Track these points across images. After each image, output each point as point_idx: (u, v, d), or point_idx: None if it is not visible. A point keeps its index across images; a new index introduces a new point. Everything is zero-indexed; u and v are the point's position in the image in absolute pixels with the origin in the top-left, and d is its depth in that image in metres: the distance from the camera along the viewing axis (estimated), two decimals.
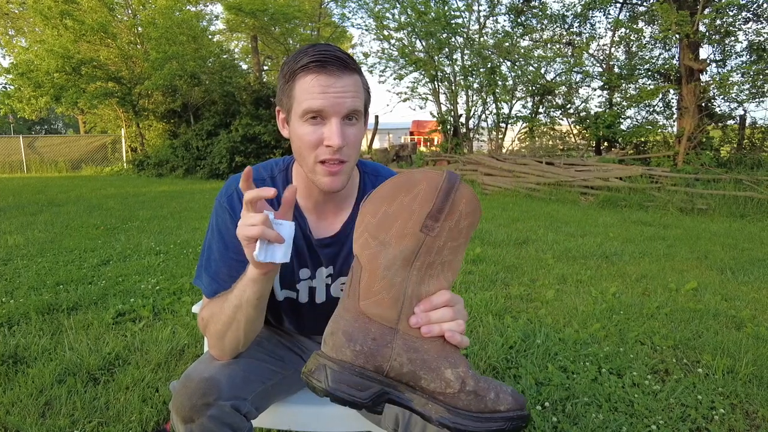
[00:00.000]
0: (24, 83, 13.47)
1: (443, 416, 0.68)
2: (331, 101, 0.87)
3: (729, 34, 9.99)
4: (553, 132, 13.11)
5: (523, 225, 5.65)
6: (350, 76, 0.89)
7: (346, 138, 0.89)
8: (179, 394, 0.92)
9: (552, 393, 1.92)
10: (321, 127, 0.89)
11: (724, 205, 6.65)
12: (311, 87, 0.87)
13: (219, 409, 0.90)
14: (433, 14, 11.12)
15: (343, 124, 0.89)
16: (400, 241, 0.69)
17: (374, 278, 0.69)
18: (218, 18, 21.72)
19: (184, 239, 4.65)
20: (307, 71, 0.87)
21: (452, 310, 0.71)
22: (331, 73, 0.87)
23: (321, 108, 0.87)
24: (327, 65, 0.87)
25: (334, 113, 0.87)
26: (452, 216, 0.69)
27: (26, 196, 8.24)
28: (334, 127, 0.87)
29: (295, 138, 0.93)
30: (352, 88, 0.89)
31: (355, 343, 0.68)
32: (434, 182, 0.69)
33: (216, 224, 1.02)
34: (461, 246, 0.72)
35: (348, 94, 0.88)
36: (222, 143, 11.84)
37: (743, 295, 3.18)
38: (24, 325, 2.52)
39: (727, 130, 10.70)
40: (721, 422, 1.76)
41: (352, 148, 0.91)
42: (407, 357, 0.68)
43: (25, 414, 1.71)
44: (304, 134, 0.90)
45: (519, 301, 3.04)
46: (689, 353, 2.32)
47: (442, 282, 0.72)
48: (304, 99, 0.88)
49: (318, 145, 0.90)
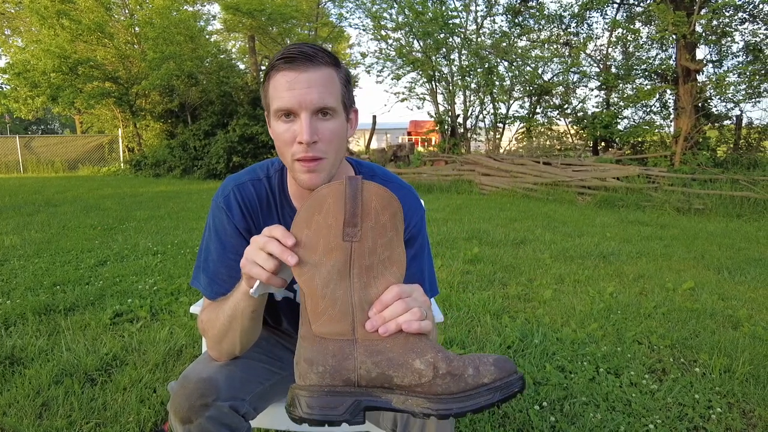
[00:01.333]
0: (20, 83, 13.41)
1: (425, 407, 0.68)
2: (297, 96, 0.85)
3: (725, 35, 10.02)
4: (551, 132, 13.13)
5: (520, 225, 5.65)
6: (317, 70, 0.87)
7: (318, 133, 0.87)
8: (177, 394, 0.92)
9: (550, 392, 1.93)
10: (294, 124, 0.88)
11: (720, 205, 6.67)
12: (279, 84, 0.87)
13: (217, 410, 0.90)
14: (431, 14, 11.13)
15: (315, 119, 0.87)
16: (329, 257, 0.71)
17: (316, 299, 0.72)
18: (215, 18, 21.69)
19: (182, 239, 4.64)
20: (276, 70, 0.87)
21: (404, 302, 0.72)
22: (296, 69, 0.86)
23: (288, 105, 0.86)
24: (293, 61, 0.86)
25: (302, 108, 0.86)
26: (368, 216, 0.71)
27: (23, 196, 8.21)
28: (303, 122, 0.86)
29: (274, 136, 0.93)
30: (319, 82, 0.86)
31: (317, 366, 0.70)
32: (338, 192, 0.71)
33: (213, 225, 1.02)
34: (393, 239, 0.73)
35: (315, 89, 0.86)
36: (219, 143, 11.81)
37: (740, 294, 3.20)
38: (21, 326, 2.51)
39: (723, 130, 10.73)
40: (718, 421, 1.76)
41: (327, 144, 0.89)
42: (372, 362, 0.69)
43: (21, 415, 1.71)
44: (279, 132, 0.89)
45: (517, 301, 3.04)
46: (686, 353, 2.32)
47: (388, 279, 0.73)
48: (274, 97, 0.88)
49: (292, 142, 0.88)
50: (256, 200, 1.02)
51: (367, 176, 1.08)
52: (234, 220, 0.99)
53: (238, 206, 1.00)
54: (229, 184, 1.03)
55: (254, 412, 1.01)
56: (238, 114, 12.26)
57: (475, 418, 1.75)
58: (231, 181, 1.04)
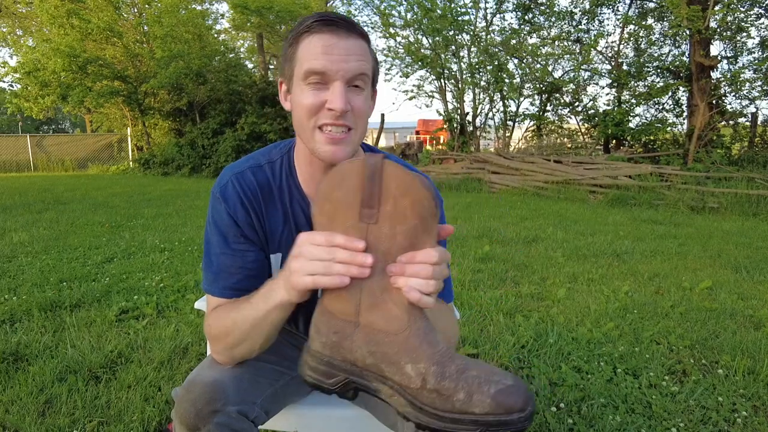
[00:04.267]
0: (31, 82, 13.50)
1: (407, 410, 0.67)
2: (334, 62, 0.80)
3: (741, 30, 9.84)
4: (561, 130, 12.99)
5: (531, 223, 5.57)
6: (357, 40, 0.82)
7: (351, 103, 0.82)
8: (183, 400, 0.85)
9: (567, 394, 1.86)
10: (323, 92, 0.82)
11: (736, 203, 6.54)
12: (314, 47, 0.81)
13: (226, 416, 0.84)
14: (440, 11, 11.04)
15: (347, 90, 0.82)
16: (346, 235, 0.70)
17: None
18: (224, 16, 21.75)
19: (189, 237, 4.61)
20: (311, 32, 0.82)
21: (430, 268, 0.68)
22: (336, 33, 0.81)
23: (323, 69, 0.80)
24: (333, 24, 0.81)
25: (337, 75, 0.80)
26: (387, 200, 0.68)
27: (32, 194, 8.24)
28: (337, 89, 0.80)
29: (295, 105, 0.86)
30: (358, 51, 0.82)
31: (321, 336, 0.72)
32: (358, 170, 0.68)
33: (212, 218, 0.96)
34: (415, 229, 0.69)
35: (353, 57, 0.81)
36: (228, 142, 11.82)
37: (760, 294, 3.10)
38: (26, 322, 2.49)
39: (738, 127, 10.53)
40: (744, 425, 1.69)
41: (359, 117, 0.84)
42: (368, 350, 0.69)
43: (24, 413, 1.67)
44: (304, 98, 0.83)
45: (530, 300, 2.97)
46: (707, 353, 2.24)
47: None
48: (306, 59, 0.81)
49: (319, 110, 0.83)
50: (257, 188, 0.95)
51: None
52: (232, 211, 0.93)
53: (237, 197, 0.94)
54: (227, 174, 0.97)
55: (266, 415, 0.94)
56: (247, 112, 12.25)
57: None
58: (229, 170, 0.98)
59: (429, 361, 0.66)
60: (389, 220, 0.68)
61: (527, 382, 1.97)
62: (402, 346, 0.68)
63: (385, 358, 0.68)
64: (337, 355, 0.71)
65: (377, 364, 0.69)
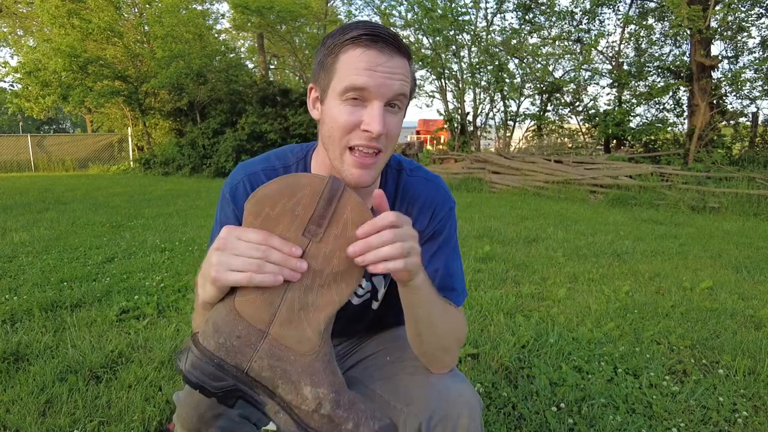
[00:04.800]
0: (31, 82, 13.51)
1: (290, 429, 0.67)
2: (378, 80, 0.76)
3: (741, 30, 9.83)
4: (562, 130, 12.98)
5: (532, 223, 5.57)
6: (401, 59, 0.80)
7: (386, 126, 0.79)
8: (185, 405, 0.85)
9: (567, 394, 1.86)
10: (360, 110, 0.79)
11: (736, 203, 6.53)
12: (358, 62, 0.77)
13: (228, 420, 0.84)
14: (440, 11, 11.03)
15: (385, 110, 0.79)
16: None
17: None
18: (224, 16, 21.75)
19: (190, 237, 4.61)
20: (356, 44, 0.77)
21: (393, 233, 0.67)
22: (382, 51, 0.77)
23: (365, 86, 0.76)
24: (379, 41, 0.77)
25: (378, 95, 0.77)
26: (337, 223, 0.67)
27: (33, 194, 8.24)
28: (375, 110, 0.77)
29: (327, 119, 0.82)
30: (402, 71, 0.79)
31: (220, 336, 0.68)
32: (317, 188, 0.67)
33: (219, 217, 0.95)
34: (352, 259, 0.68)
35: (397, 77, 0.78)
36: (228, 142, 11.81)
37: (760, 294, 3.10)
38: (27, 322, 2.49)
39: (739, 127, 10.52)
40: (744, 425, 1.69)
41: (390, 140, 0.82)
42: (268, 363, 0.67)
43: (25, 412, 1.67)
44: (339, 115, 0.79)
45: (530, 300, 2.97)
46: (707, 353, 2.24)
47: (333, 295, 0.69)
48: (348, 74, 0.77)
49: (353, 129, 0.79)
50: None
51: (395, 169, 0.99)
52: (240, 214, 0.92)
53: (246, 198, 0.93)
54: (239, 173, 0.95)
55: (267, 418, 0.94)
56: (247, 112, 12.25)
57: (490, 420, 1.69)
58: (241, 169, 0.96)
59: (329, 387, 0.68)
60: (333, 242, 0.67)
61: (528, 383, 1.97)
62: (306, 368, 0.68)
63: (284, 375, 0.67)
64: (230, 360, 0.67)
65: (273, 379, 0.67)
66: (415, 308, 0.82)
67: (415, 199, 0.97)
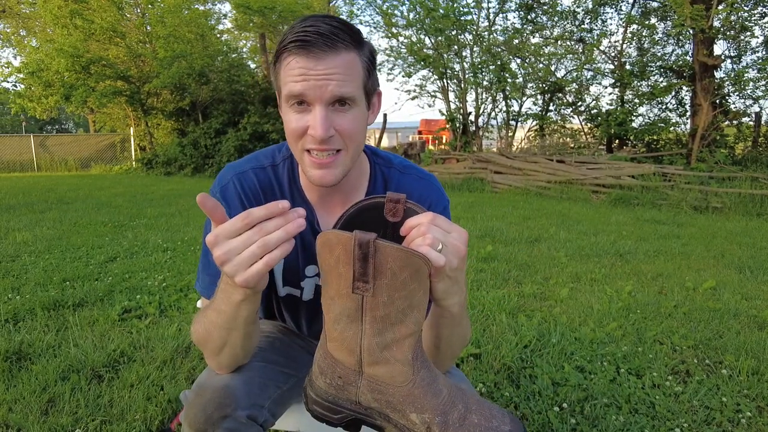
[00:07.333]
0: (34, 82, 13.54)
1: None
2: (311, 86, 0.77)
3: (744, 29, 9.80)
4: (564, 130, 12.95)
5: (534, 223, 5.56)
6: (336, 56, 0.77)
7: (335, 125, 0.79)
8: (193, 405, 0.84)
9: (569, 394, 1.85)
10: (306, 115, 0.80)
11: (739, 203, 6.51)
12: (291, 69, 0.77)
13: (235, 421, 0.83)
14: (442, 11, 11.02)
15: (331, 110, 0.79)
16: (340, 300, 0.67)
17: (330, 326, 0.70)
18: (226, 16, 21.78)
19: (192, 236, 4.62)
20: (289, 52, 0.78)
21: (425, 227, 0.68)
22: (312, 55, 0.76)
23: (301, 92, 0.77)
24: (308, 46, 0.76)
25: (316, 99, 0.78)
26: (383, 275, 0.64)
27: (36, 194, 8.27)
28: (317, 115, 0.78)
29: (284, 123, 0.84)
30: (339, 70, 0.77)
31: (326, 377, 0.73)
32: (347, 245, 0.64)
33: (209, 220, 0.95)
34: (414, 292, 0.66)
35: (333, 77, 0.77)
36: (230, 141, 11.83)
37: (764, 294, 3.09)
38: (29, 321, 2.49)
39: (741, 127, 10.48)
40: (748, 426, 1.68)
41: (347, 137, 0.82)
42: (372, 396, 0.70)
43: (27, 412, 1.67)
44: (289, 121, 0.81)
45: (532, 300, 2.96)
46: (711, 354, 2.23)
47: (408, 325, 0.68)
48: (286, 82, 0.79)
49: (303, 134, 0.81)
50: (258, 190, 0.93)
51: (384, 166, 0.99)
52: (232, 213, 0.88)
53: (237, 198, 0.92)
54: (228, 173, 0.94)
55: (273, 418, 0.93)
56: (249, 112, 12.27)
57: None
58: (230, 169, 0.95)
59: (434, 411, 0.68)
60: (387, 290, 0.65)
61: (530, 383, 1.96)
62: (406, 397, 0.68)
63: (389, 405, 0.69)
64: (341, 395, 0.72)
65: (381, 408, 0.70)
66: (441, 328, 0.82)
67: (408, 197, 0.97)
